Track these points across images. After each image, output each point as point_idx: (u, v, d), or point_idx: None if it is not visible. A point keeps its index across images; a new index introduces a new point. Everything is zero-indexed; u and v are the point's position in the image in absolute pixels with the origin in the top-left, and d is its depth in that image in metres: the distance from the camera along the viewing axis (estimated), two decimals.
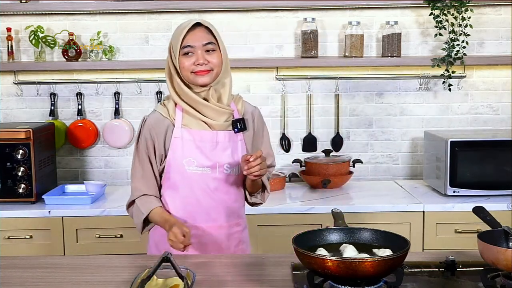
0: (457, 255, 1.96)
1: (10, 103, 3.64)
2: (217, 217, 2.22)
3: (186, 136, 2.17)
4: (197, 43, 2.11)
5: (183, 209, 2.20)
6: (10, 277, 1.93)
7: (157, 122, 2.20)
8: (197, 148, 2.17)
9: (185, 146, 2.16)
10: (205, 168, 2.17)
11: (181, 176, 2.18)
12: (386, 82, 3.64)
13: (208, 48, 2.13)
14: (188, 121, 2.17)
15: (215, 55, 2.14)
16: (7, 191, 3.17)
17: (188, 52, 2.12)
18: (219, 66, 2.15)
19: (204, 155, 2.17)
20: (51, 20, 3.58)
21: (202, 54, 2.12)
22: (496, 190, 3.18)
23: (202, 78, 2.13)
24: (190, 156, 2.16)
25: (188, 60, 2.12)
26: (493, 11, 3.60)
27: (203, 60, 2.11)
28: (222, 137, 2.18)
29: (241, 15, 3.58)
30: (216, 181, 2.19)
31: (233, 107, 2.22)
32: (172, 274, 1.75)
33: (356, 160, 3.57)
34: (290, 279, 1.85)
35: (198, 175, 2.17)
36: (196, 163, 2.17)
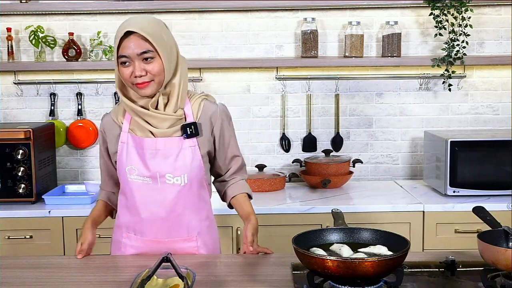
0: (457, 255, 1.96)
1: (10, 103, 3.64)
2: (157, 231, 2.10)
3: (130, 142, 2.08)
4: (132, 53, 1.96)
5: (126, 217, 2.15)
6: (10, 277, 1.93)
7: (108, 124, 2.16)
8: (138, 155, 2.07)
9: (128, 153, 2.08)
10: (146, 178, 2.06)
11: (125, 184, 2.11)
12: (386, 82, 3.64)
13: (144, 56, 1.97)
14: (135, 127, 2.09)
15: (154, 64, 1.98)
16: (7, 191, 3.17)
17: (125, 61, 1.98)
18: (160, 74, 2.00)
19: (144, 164, 2.06)
20: (51, 20, 3.58)
21: (139, 65, 1.97)
22: (496, 190, 3.18)
23: (144, 91, 2.01)
24: (132, 164, 2.07)
25: (126, 69, 1.99)
26: (493, 11, 3.60)
27: (140, 72, 1.97)
28: (162, 144, 2.05)
29: (241, 15, 3.58)
30: (158, 192, 2.07)
31: (187, 109, 2.09)
32: (172, 274, 1.75)
33: (356, 160, 3.57)
34: (290, 279, 1.85)
35: (139, 185, 2.07)
36: (137, 171, 2.07)
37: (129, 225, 2.15)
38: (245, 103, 3.65)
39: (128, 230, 2.15)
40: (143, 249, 2.13)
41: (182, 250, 2.12)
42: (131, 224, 2.14)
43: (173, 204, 2.09)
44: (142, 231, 2.12)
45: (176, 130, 2.06)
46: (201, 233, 2.16)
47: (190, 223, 2.13)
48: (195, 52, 3.61)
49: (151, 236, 2.12)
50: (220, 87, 3.62)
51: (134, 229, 2.14)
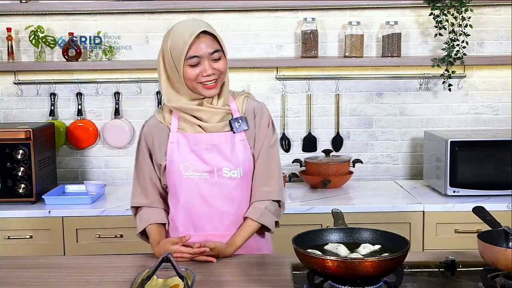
0: (457, 255, 1.96)
1: (10, 103, 3.64)
2: (218, 225, 2.12)
3: (182, 141, 2.10)
4: (204, 53, 2.02)
5: (183, 217, 2.14)
6: (10, 277, 1.93)
7: (153, 128, 2.15)
8: (193, 152, 2.09)
9: (180, 151, 2.09)
10: (203, 173, 2.08)
11: (179, 183, 2.10)
12: (386, 82, 3.64)
13: (214, 56, 2.04)
14: (184, 126, 2.11)
15: (221, 63, 2.06)
16: (7, 191, 3.17)
17: (196, 63, 2.02)
18: (224, 73, 2.08)
19: (200, 160, 2.08)
20: (51, 20, 3.58)
21: (209, 64, 2.03)
22: (496, 190, 3.17)
23: (210, 91, 2.06)
24: (186, 161, 2.09)
25: (193, 70, 2.02)
26: (493, 11, 3.60)
27: (211, 71, 2.03)
28: (217, 139, 2.09)
29: (241, 15, 3.58)
30: (216, 187, 2.10)
31: (233, 105, 2.14)
32: (172, 274, 1.75)
33: (356, 160, 3.57)
34: (290, 279, 1.85)
35: (196, 181, 2.09)
36: (193, 168, 2.09)
37: (187, 224, 2.14)
38: None
39: (187, 229, 2.14)
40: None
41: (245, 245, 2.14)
42: (189, 222, 2.13)
43: (231, 197, 2.11)
44: (201, 227, 2.13)
45: (225, 124, 2.11)
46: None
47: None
48: None
49: (211, 230, 2.12)
50: None
51: (193, 226, 2.13)
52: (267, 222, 2.14)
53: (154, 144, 2.15)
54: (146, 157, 2.17)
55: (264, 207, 2.14)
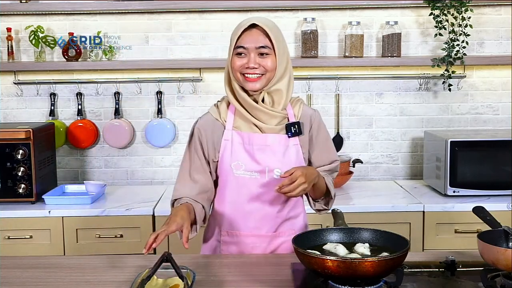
0: (457, 255, 1.96)
1: (10, 103, 3.64)
2: (262, 225, 2.12)
3: (236, 139, 2.10)
4: (251, 45, 2.02)
5: (229, 215, 2.13)
6: (10, 277, 1.93)
7: (208, 124, 2.14)
8: (246, 151, 2.09)
9: (234, 149, 2.09)
10: (254, 173, 2.09)
11: (229, 180, 2.11)
12: (386, 82, 3.64)
13: (261, 51, 2.03)
14: (240, 124, 2.11)
15: (269, 59, 2.03)
16: (7, 191, 3.17)
17: (241, 52, 2.04)
18: (272, 71, 2.05)
19: (252, 159, 2.09)
20: (51, 20, 3.58)
21: (254, 57, 2.03)
22: (496, 190, 3.18)
23: (251, 84, 2.05)
24: (238, 160, 2.09)
25: (239, 60, 2.04)
26: (493, 11, 3.60)
27: (254, 64, 2.02)
28: (272, 140, 2.09)
29: (241, 15, 3.58)
30: (265, 187, 2.09)
31: (289, 110, 2.13)
32: (172, 274, 1.75)
33: (356, 160, 3.57)
34: (290, 279, 1.85)
35: (246, 180, 2.09)
36: (244, 167, 2.09)
37: (231, 222, 2.14)
38: None
39: (231, 227, 2.14)
40: (246, 245, 2.14)
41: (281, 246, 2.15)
42: (233, 221, 2.13)
43: (280, 198, 2.11)
44: (246, 226, 2.13)
45: (281, 128, 2.11)
46: (299, 229, 2.18)
47: (292, 217, 2.17)
48: (195, 52, 3.61)
49: (255, 230, 2.13)
50: (220, 87, 3.58)
51: (237, 224, 2.13)
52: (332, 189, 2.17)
53: (207, 141, 2.13)
54: (199, 152, 2.14)
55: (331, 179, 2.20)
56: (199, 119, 2.19)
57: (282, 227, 2.16)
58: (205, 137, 2.13)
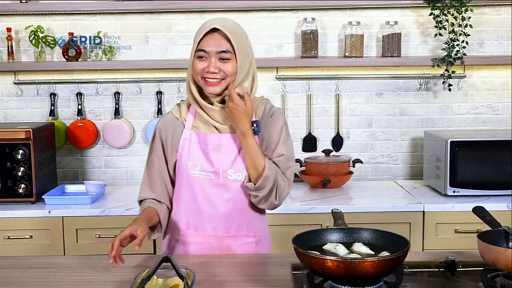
0: (457, 255, 1.96)
1: (10, 103, 3.64)
2: (219, 226, 2.13)
3: (194, 138, 2.12)
4: (212, 49, 2.02)
5: (184, 214, 2.15)
6: (10, 277, 1.93)
7: (169, 123, 2.17)
8: (202, 151, 2.10)
9: (191, 149, 2.11)
10: (209, 173, 2.09)
11: (185, 180, 2.12)
12: (386, 82, 3.64)
13: (222, 56, 2.03)
14: (198, 124, 2.12)
15: (229, 64, 2.04)
16: (7, 191, 3.17)
17: (202, 56, 2.04)
18: (232, 75, 2.05)
19: (207, 159, 2.09)
20: (51, 20, 3.58)
21: (215, 62, 2.03)
22: (496, 190, 3.17)
23: (211, 88, 2.05)
24: (194, 159, 2.10)
25: (201, 63, 2.04)
26: (493, 11, 3.60)
27: (214, 68, 2.02)
28: (226, 140, 2.10)
29: (241, 15, 3.58)
30: (220, 188, 2.10)
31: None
32: (172, 274, 1.75)
33: (356, 160, 3.57)
34: (290, 279, 1.85)
35: (201, 180, 2.10)
36: (200, 167, 2.10)
37: (189, 222, 2.15)
38: None
39: (187, 227, 2.15)
40: (203, 245, 2.14)
41: (240, 248, 2.15)
42: (191, 221, 2.14)
43: (234, 199, 2.11)
44: (203, 227, 2.13)
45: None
46: (258, 229, 2.19)
47: (250, 219, 2.16)
48: None
49: (211, 231, 2.13)
50: None
51: (194, 225, 2.14)
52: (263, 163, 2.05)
53: (167, 139, 2.16)
54: (159, 152, 2.17)
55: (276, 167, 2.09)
56: (161, 118, 2.23)
57: (240, 229, 2.15)
58: (166, 136, 2.16)
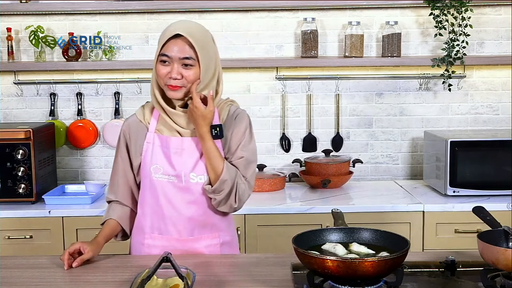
0: (457, 255, 1.96)
1: (10, 103, 3.64)
2: (183, 229, 2.12)
3: (156, 142, 2.11)
4: (175, 55, 2.01)
5: (149, 218, 2.14)
6: (10, 277, 1.93)
7: (133, 126, 2.17)
8: (164, 154, 2.10)
9: (153, 152, 2.10)
10: (171, 177, 2.09)
11: (149, 184, 2.12)
12: (386, 82, 3.64)
13: (185, 62, 2.01)
14: (161, 127, 2.12)
15: (192, 71, 2.02)
16: (7, 191, 3.17)
17: (165, 60, 2.02)
18: (194, 83, 2.03)
19: (169, 163, 2.09)
20: (51, 20, 3.58)
21: (177, 68, 2.01)
22: (496, 190, 3.17)
23: (173, 93, 2.04)
24: (157, 163, 2.10)
25: (163, 68, 2.03)
26: (493, 11, 3.60)
27: (176, 74, 2.01)
28: (188, 144, 2.09)
29: (241, 15, 3.58)
30: (182, 191, 2.09)
31: (215, 112, 2.08)
32: (172, 274, 1.75)
33: (356, 160, 3.57)
34: (290, 279, 1.85)
35: (164, 184, 2.09)
36: (162, 170, 2.09)
37: (153, 225, 2.15)
38: (245, 103, 3.63)
39: (152, 230, 2.15)
40: (168, 248, 2.10)
41: (205, 249, 2.15)
42: (155, 224, 2.14)
43: (197, 202, 2.11)
44: (167, 230, 2.13)
45: None
46: (222, 231, 2.18)
47: (213, 221, 2.15)
48: None
49: (175, 234, 2.13)
50: None
51: (158, 228, 2.14)
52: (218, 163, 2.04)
53: (131, 142, 2.16)
54: (124, 154, 2.18)
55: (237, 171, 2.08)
56: (126, 120, 2.22)
57: (204, 231, 2.14)
58: (130, 138, 2.16)
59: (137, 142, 2.15)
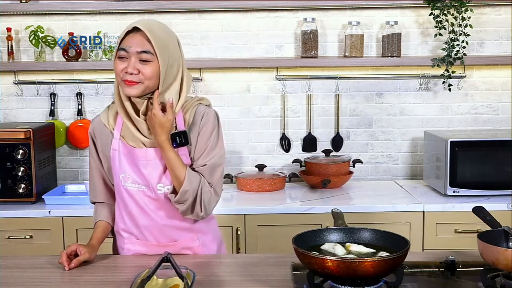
0: (457, 255, 1.96)
1: (10, 103, 3.64)
2: (160, 236, 2.10)
3: (122, 150, 2.06)
4: (132, 49, 1.94)
5: (126, 225, 2.12)
6: (10, 277, 1.93)
7: (97, 128, 2.12)
8: (131, 164, 2.05)
9: (121, 160, 2.05)
10: (141, 185, 2.05)
11: (120, 192, 2.09)
12: (386, 82, 3.64)
13: (142, 57, 1.94)
14: (126, 133, 2.05)
15: (149, 67, 1.94)
16: (7, 191, 3.17)
17: (122, 56, 1.95)
18: (151, 79, 1.95)
19: (138, 172, 2.04)
20: (51, 20, 3.58)
21: (134, 62, 1.93)
22: (496, 190, 3.17)
23: (128, 89, 1.96)
24: (125, 172, 2.05)
25: (121, 64, 1.96)
26: (493, 11, 3.60)
27: (132, 69, 1.93)
28: (153, 155, 2.03)
29: (241, 15, 3.58)
30: (155, 200, 2.06)
31: (179, 117, 2.03)
32: (172, 274, 1.75)
33: (356, 160, 3.57)
34: (290, 279, 1.85)
35: (135, 192, 2.06)
36: (131, 179, 2.05)
37: (130, 231, 2.13)
38: (245, 103, 3.64)
39: (130, 236, 2.13)
40: (147, 253, 2.12)
41: (187, 250, 2.13)
42: (132, 230, 2.12)
43: (169, 211, 2.07)
44: (144, 237, 2.12)
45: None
46: (201, 231, 2.15)
47: (189, 225, 2.12)
48: (195, 52, 3.61)
49: (153, 241, 2.12)
50: (220, 87, 3.63)
51: (136, 235, 2.13)
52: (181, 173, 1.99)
53: (98, 144, 2.13)
54: (94, 155, 2.15)
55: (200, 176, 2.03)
56: (92, 121, 2.17)
57: (181, 235, 2.11)
58: (97, 141, 2.14)
59: (103, 145, 2.11)
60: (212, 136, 2.07)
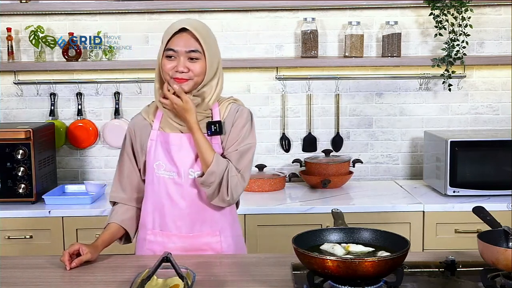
0: (457, 255, 1.96)
1: (10, 103, 3.64)
2: (182, 225, 2.14)
3: (159, 139, 2.14)
4: (181, 49, 2.05)
5: (151, 213, 2.17)
6: (10, 277, 1.93)
7: (138, 124, 2.20)
8: (166, 151, 2.13)
9: (156, 149, 2.14)
10: (172, 173, 2.12)
11: (152, 180, 2.15)
12: (386, 82, 3.64)
13: (191, 55, 2.05)
14: (165, 124, 2.15)
15: (198, 64, 2.06)
16: (7, 191, 3.17)
17: (171, 55, 2.06)
18: (200, 75, 2.08)
19: (170, 159, 2.12)
20: (51, 20, 3.58)
21: (183, 61, 2.05)
22: (496, 190, 3.17)
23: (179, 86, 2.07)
24: (159, 160, 2.13)
25: (169, 63, 2.06)
26: (493, 11, 3.60)
27: (183, 68, 2.05)
28: (186, 140, 2.11)
29: (241, 15, 3.58)
30: (182, 187, 2.12)
31: (215, 109, 2.14)
32: (172, 274, 1.75)
33: (356, 160, 3.57)
34: (290, 279, 1.85)
35: (166, 180, 2.12)
36: (165, 167, 2.12)
37: (154, 221, 2.16)
38: (245, 103, 3.59)
39: (153, 226, 2.17)
40: (168, 244, 2.14)
41: (206, 246, 2.16)
42: (156, 220, 2.16)
43: (196, 198, 2.12)
44: (167, 226, 2.15)
45: (202, 127, 2.10)
46: (224, 228, 2.18)
47: (213, 218, 2.15)
48: None
49: (175, 231, 2.15)
50: None
51: (160, 224, 2.16)
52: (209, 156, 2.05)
53: (136, 140, 2.19)
54: (129, 153, 2.21)
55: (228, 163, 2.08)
56: (132, 119, 2.26)
57: (203, 228, 2.15)
58: (135, 136, 2.19)
59: (142, 139, 2.18)
60: (245, 128, 2.17)
